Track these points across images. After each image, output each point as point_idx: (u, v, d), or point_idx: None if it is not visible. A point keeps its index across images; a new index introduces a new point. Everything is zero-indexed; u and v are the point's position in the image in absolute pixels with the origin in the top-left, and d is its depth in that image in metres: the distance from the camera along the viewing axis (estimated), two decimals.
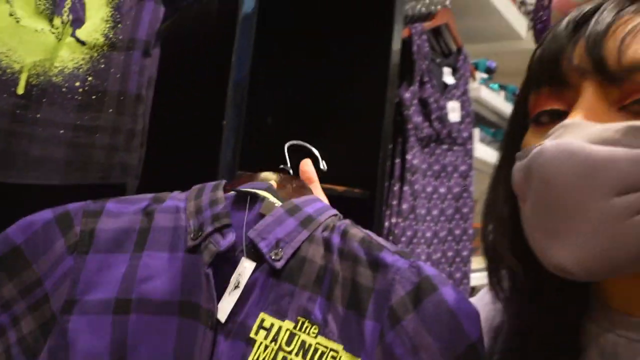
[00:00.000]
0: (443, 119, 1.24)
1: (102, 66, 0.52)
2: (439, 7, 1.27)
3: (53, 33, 0.50)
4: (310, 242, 0.44)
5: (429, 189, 1.25)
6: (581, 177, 0.33)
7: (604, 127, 0.34)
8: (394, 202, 1.17)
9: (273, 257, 0.43)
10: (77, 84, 0.51)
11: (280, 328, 0.42)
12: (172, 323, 0.44)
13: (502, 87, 1.59)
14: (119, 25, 0.53)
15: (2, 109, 0.48)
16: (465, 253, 1.33)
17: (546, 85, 0.38)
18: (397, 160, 1.18)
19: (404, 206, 1.17)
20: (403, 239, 1.17)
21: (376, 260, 0.42)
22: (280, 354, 0.41)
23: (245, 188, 0.48)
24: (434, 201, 1.27)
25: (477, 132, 1.39)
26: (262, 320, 0.42)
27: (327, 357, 0.40)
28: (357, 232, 0.45)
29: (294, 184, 0.51)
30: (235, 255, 0.45)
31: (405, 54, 1.15)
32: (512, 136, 0.43)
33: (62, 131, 0.51)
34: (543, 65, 0.38)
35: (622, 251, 0.33)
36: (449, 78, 1.27)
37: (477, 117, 1.55)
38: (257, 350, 0.41)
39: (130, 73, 0.53)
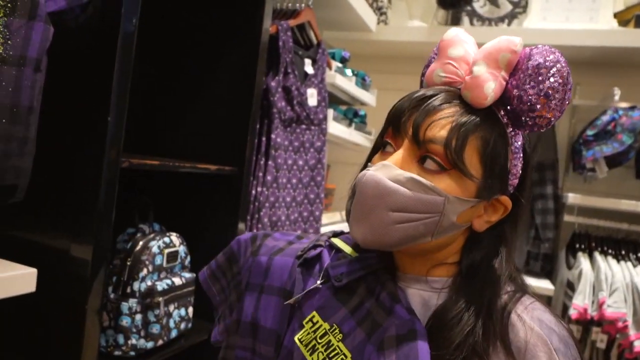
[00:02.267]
0: (303, 103, 1.36)
1: None
2: (302, 5, 1.35)
3: None
4: (364, 281, 0.59)
5: (290, 162, 1.38)
6: (377, 196, 0.53)
7: (400, 172, 0.53)
8: (260, 174, 1.27)
9: (336, 280, 0.59)
10: None
11: (321, 325, 0.57)
12: (271, 348, 0.61)
13: (354, 73, 1.75)
14: (9, 42, 0.53)
15: None
16: (317, 213, 1.50)
17: (392, 129, 0.56)
18: (264, 139, 1.28)
19: (268, 177, 1.28)
20: (267, 204, 1.29)
21: (391, 309, 0.55)
22: (313, 342, 0.57)
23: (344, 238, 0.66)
24: (294, 172, 1.40)
25: (331, 112, 1.53)
26: (313, 316, 0.58)
27: (339, 357, 0.55)
28: (390, 285, 0.58)
29: None
30: (317, 270, 0.62)
31: (272, 47, 1.23)
32: (372, 152, 0.61)
33: None
34: (394, 117, 0.56)
35: (384, 240, 0.54)
36: (309, 68, 1.38)
37: (332, 99, 1.70)
38: (303, 332, 0.58)
39: (22, 87, 0.54)
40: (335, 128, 1.60)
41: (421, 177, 0.53)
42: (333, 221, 1.83)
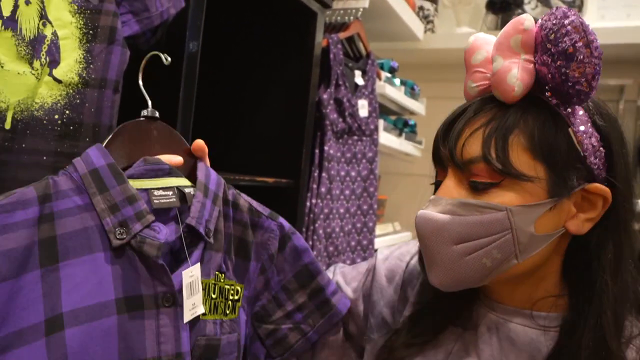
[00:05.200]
0: (354, 114, 1.36)
1: (78, 101, 0.57)
2: (351, 17, 1.37)
3: (33, 74, 0.54)
4: (218, 216, 0.54)
5: (342, 173, 1.38)
6: (433, 234, 0.49)
7: (448, 202, 0.49)
8: (314, 186, 1.28)
9: (208, 236, 0.51)
10: (56, 117, 0.56)
11: (209, 285, 0.53)
12: (111, 324, 0.43)
13: (402, 83, 1.74)
14: (91, 66, 0.57)
15: None
16: (371, 224, 1.49)
17: (438, 165, 0.54)
18: (317, 151, 1.29)
19: (322, 189, 1.29)
20: (321, 215, 1.29)
21: (256, 224, 0.57)
22: (212, 302, 0.53)
23: (145, 169, 0.49)
24: (347, 183, 1.40)
25: (381, 123, 1.53)
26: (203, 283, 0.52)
27: (230, 291, 0.55)
28: (243, 203, 0.58)
29: (176, 145, 0.56)
30: (168, 242, 0.48)
31: (323, 60, 1.24)
32: (435, 190, 0.56)
33: (45, 157, 0.55)
34: (433, 152, 0.54)
35: (461, 277, 0.49)
36: (359, 80, 1.39)
37: (381, 109, 1.70)
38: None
39: (104, 107, 0.58)
40: (386, 138, 1.60)
41: (471, 199, 0.48)
42: (386, 232, 1.81)
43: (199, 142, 0.57)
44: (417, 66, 2.13)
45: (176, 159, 0.54)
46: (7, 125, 0.52)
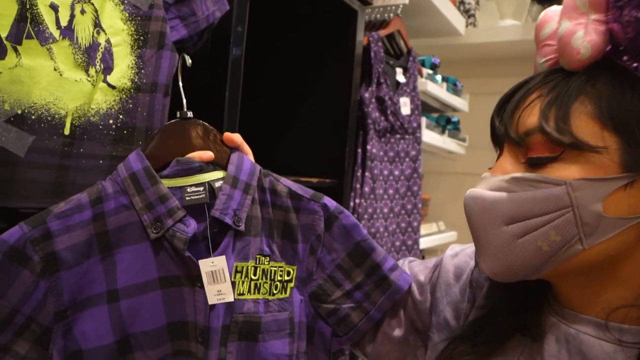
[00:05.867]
0: (396, 113, 1.34)
1: (131, 106, 0.58)
2: (391, 15, 1.35)
3: (89, 81, 0.56)
4: (252, 203, 0.57)
5: (385, 172, 1.36)
6: (481, 213, 0.44)
7: (499, 178, 0.44)
8: (357, 186, 1.27)
9: (236, 224, 0.55)
10: (111, 121, 0.57)
11: (247, 267, 0.56)
12: (156, 296, 0.54)
13: (444, 79, 1.70)
14: (143, 71, 0.59)
15: (54, 149, 0.53)
16: (415, 224, 1.46)
17: (494, 144, 0.49)
18: (359, 150, 1.28)
19: (366, 189, 1.27)
20: (365, 215, 1.28)
21: (299, 207, 0.59)
22: (252, 283, 0.57)
23: (178, 169, 0.55)
24: (390, 182, 1.38)
25: (423, 120, 1.49)
26: (236, 267, 0.56)
27: (277, 272, 0.58)
28: (282, 188, 0.59)
29: (210, 140, 0.59)
30: (197, 234, 0.54)
31: (364, 58, 1.23)
32: None
33: (101, 161, 0.57)
34: (491, 131, 0.49)
35: (515, 263, 0.43)
36: (400, 77, 1.37)
37: (424, 107, 1.66)
38: (238, 287, 0.56)
39: (155, 111, 0.59)
40: (428, 136, 1.56)
41: (526, 173, 0.43)
42: (430, 232, 1.77)
43: (228, 135, 0.59)
44: (459, 62, 2.08)
45: (206, 155, 0.57)
46: (67, 131, 0.54)
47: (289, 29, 1.20)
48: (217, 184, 0.56)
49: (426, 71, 1.55)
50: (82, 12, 0.55)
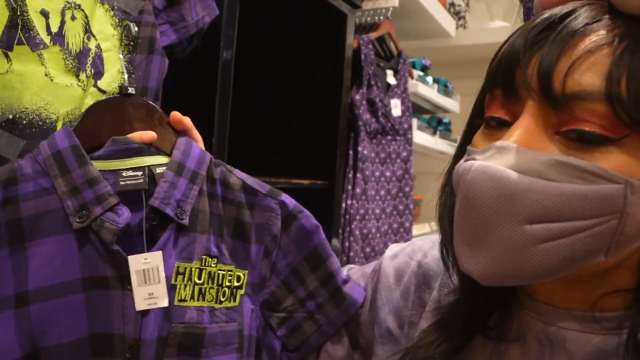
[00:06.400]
0: (387, 114, 1.36)
1: None
2: (381, 17, 1.36)
3: (79, 86, 0.56)
4: (200, 195, 0.50)
5: (377, 174, 1.38)
6: (500, 201, 0.32)
7: (532, 157, 0.32)
8: (349, 187, 1.29)
9: (179, 217, 0.48)
10: None
11: (191, 269, 0.49)
12: (78, 300, 0.45)
13: (435, 80, 1.72)
14: (133, 76, 0.60)
15: None
16: (407, 224, 1.48)
17: (500, 90, 0.35)
18: (350, 152, 1.29)
19: (357, 190, 1.29)
20: (357, 216, 1.29)
21: (254, 203, 0.52)
22: (197, 288, 0.49)
23: (113, 149, 0.47)
24: (382, 183, 1.39)
25: (414, 122, 1.51)
26: (177, 268, 0.48)
27: (226, 276, 0.50)
28: (235, 180, 0.52)
29: (155, 121, 0.51)
30: (132, 225, 0.47)
31: (355, 61, 1.25)
32: (467, 131, 0.41)
33: None
34: (499, 70, 0.35)
35: (523, 271, 0.33)
36: (391, 79, 1.38)
37: (415, 108, 1.68)
38: (179, 292, 0.48)
39: None
40: (420, 137, 1.58)
41: (576, 159, 0.32)
42: (422, 232, 1.79)
43: (175, 114, 0.52)
44: (450, 63, 2.10)
45: (148, 135, 0.49)
46: None
47: (279, 33, 1.21)
48: (159, 170, 0.49)
49: (417, 73, 1.56)
50: (73, 18, 0.56)
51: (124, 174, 0.47)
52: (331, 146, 1.16)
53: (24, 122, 0.53)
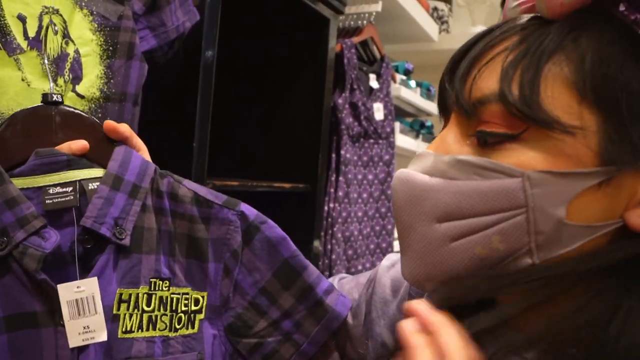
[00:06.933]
0: (370, 118, 1.37)
1: (100, 115, 0.59)
2: (365, 22, 1.38)
3: (57, 90, 0.56)
4: (143, 211, 0.44)
5: (360, 177, 1.39)
6: (409, 202, 0.34)
7: (439, 159, 0.34)
8: (331, 190, 1.30)
9: (118, 237, 0.42)
10: None
11: (137, 295, 0.43)
12: (1, 343, 0.39)
13: (418, 84, 1.74)
14: (112, 81, 0.60)
15: None
16: (389, 226, 1.50)
17: (442, 113, 0.38)
18: (333, 155, 1.30)
19: (340, 193, 1.30)
20: (339, 219, 1.30)
21: (208, 216, 0.46)
22: (145, 316, 0.43)
23: (36, 163, 0.42)
24: (364, 186, 1.41)
25: (397, 125, 1.53)
26: (120, 295, 0.42)
27: (181, 300, 0.45)
28: (185, 192, 0.46)
29: (86, 130, 0.46)
30: (63, 249, 0.41)
31: (338, 65, 1.26)
32: None
33: None
34: (438, 96, 0.38)
35: (442, 271, 0.33)
36: (374, 83, 1.40)
37: (397, 112, 1.70)
38: (123, 323, 0.42)
39: (124, 120, 0.60)
40: (403, 141, 1.60)
41: (469, 156, 0.33)
42: None
43: (109, 123, 0.46)
44: (432, 67, 2.12)
45: (77, 145, 0.44)
46: None
47: (261, 36, 1.22)
48: (92, 185, 0.43)
49: (400, 77, 1.58)
50: (51, 22, 0.56)
51: (51, 191, 0.41)
52: (313, 150, 1.17)
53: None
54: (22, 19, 0.54)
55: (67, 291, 0.39)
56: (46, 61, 0.53)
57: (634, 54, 0.31)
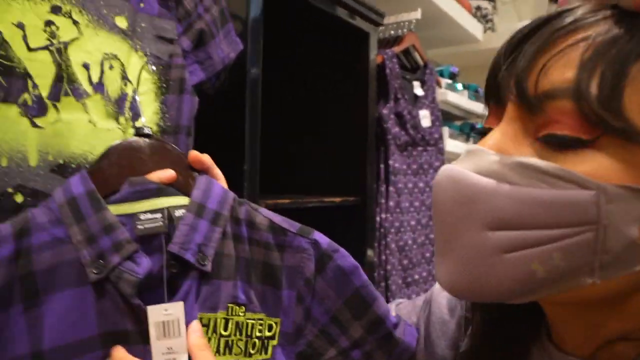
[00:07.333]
0: (416, 126, 1.37)
1: None
2: (405, 30, 1.38)
3: (119, 129, 0.62)
4: (223, 238, 0.46)
5: (410, 185, 1.39)
6: (459, 205, 0.30)
7: (496, 159, 0.30)
8: (382, 201, 1.30)
9: (201, 263, 0.44)
10: None
11: (216, 320, 0.44)
12: (97, 359, 0.41)
13: (465, 87, 1.71)
14: (166, 115, 0.65)
15: None
16: None
17: (491, 100, 0.35)
18: (382, 165, 1.31)
19: (391, 203, 1.30)
20: (392, 230, 1.30)
21: (283, 244, 0.47)
22: (222, 340, 0.44)
23: (130, 191, 0.45)
24: (415, 195, 1.40)
25: (446, 130, 1.51)
26: (200, 319, 0.44)
27: (256, 326, 0.46)
28: (262, 220, 0.48)
29: (174, 161, 0.49)
30: (152, 273, 0.43)
31: (380, 76, 1.27)
32: None
33: None
34: (487, 82, 0.35)
35: (489, 284, 0.30)
36: (418, 90, 1.39)
37: (446, 116, 1.68)
38: None
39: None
40: (453, 145, 1.58)
41: (540, 160, 0.29)
42: None
43: (193, 153, 0.50)
44: (480, 68, 2.08)
45: (166, 175, 0.46)
46: None
47: (303, 54, 1.25)
48: (179, 212, 0.45)
49: (445, 81, 1.57)
50: (111, 67, 0.61)
51: (142, 217, 0.43)
52: (361, 162, 1.19)
53: (73, 165, 0.58)
54: (86, 66, 0.60)
55: (156, 313, 0.42)
56: (138, 103, 0.58)
57: None
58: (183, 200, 0.46)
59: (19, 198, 0.56)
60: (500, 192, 0.29)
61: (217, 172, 0.52)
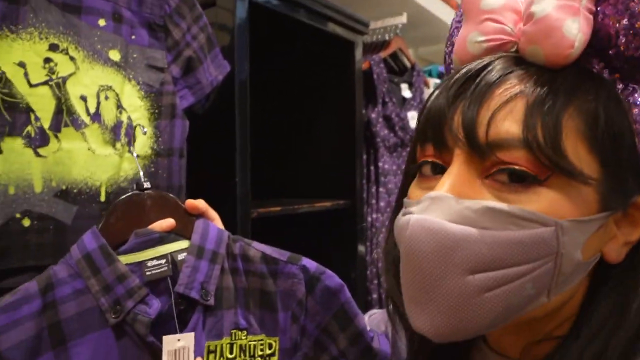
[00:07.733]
0: (405, 127, 1.41)
1: (152, 169, 0.69)
2: (392, 34, 1.42)
3: (116, 154, 0.67)
4: (222, 274, 0.54)
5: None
6: (439, 255, 0.32)
7: (465, 206, 0.33)
8: (373, 201, 1.35)
9: (205, 299, 0.52)
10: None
11: (222, 346, 0.52)
12: None
13: None
14: (160, 139, 0.70)
15: (94, 214, 0.65)
16: None
17: (430, 143, 0.37)
18: (372, 167, 1.36)
19: (381, 203, 1.35)
20: (383, 229, 1.36)
21: (276, 272, 0.54)
22: None
23: (136, 242, 0.51)
24: None
25: None
26: (208, 347, 0.52)
27: (257, 346, 0.53)
28: (255, 253, 0.55)
29: (171, 209, 0.56)
30: (162, 311, 0.50)
31: (368, 81, 1.31)
32: (404, 183, 0.41)
33: None
34: (428, 125, 0.36)
35: (473, 323, 0.33)
36: (406, 92, 1.44)
37: None
38: None
39: (173, 172, 0.70)
40: None
41: (502, 203, 0.32)
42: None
43: (190, 202, 0.57)
44: None
45: (166, 223, 0.53)
46: (102, 198, 0.66)
47: (291, 64, 1.30)
48: (181, 256, 0.53)
49: (433, 81, 1.61)
50: (106, 98, 0.66)
51: (149, 264, 0.51)
52: (349, 165, 1.23)
53: (75, 191, 0.64)
54: (84, 98, 0.65)
55: (169, 343, 0.49)
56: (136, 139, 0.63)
57: (618, 108, 0.34)
58: (183, 244, 0.54)
59: (26, 222, 0.62)
60: (477, 238, 0.32)
61: (212, 213, 0.58)
